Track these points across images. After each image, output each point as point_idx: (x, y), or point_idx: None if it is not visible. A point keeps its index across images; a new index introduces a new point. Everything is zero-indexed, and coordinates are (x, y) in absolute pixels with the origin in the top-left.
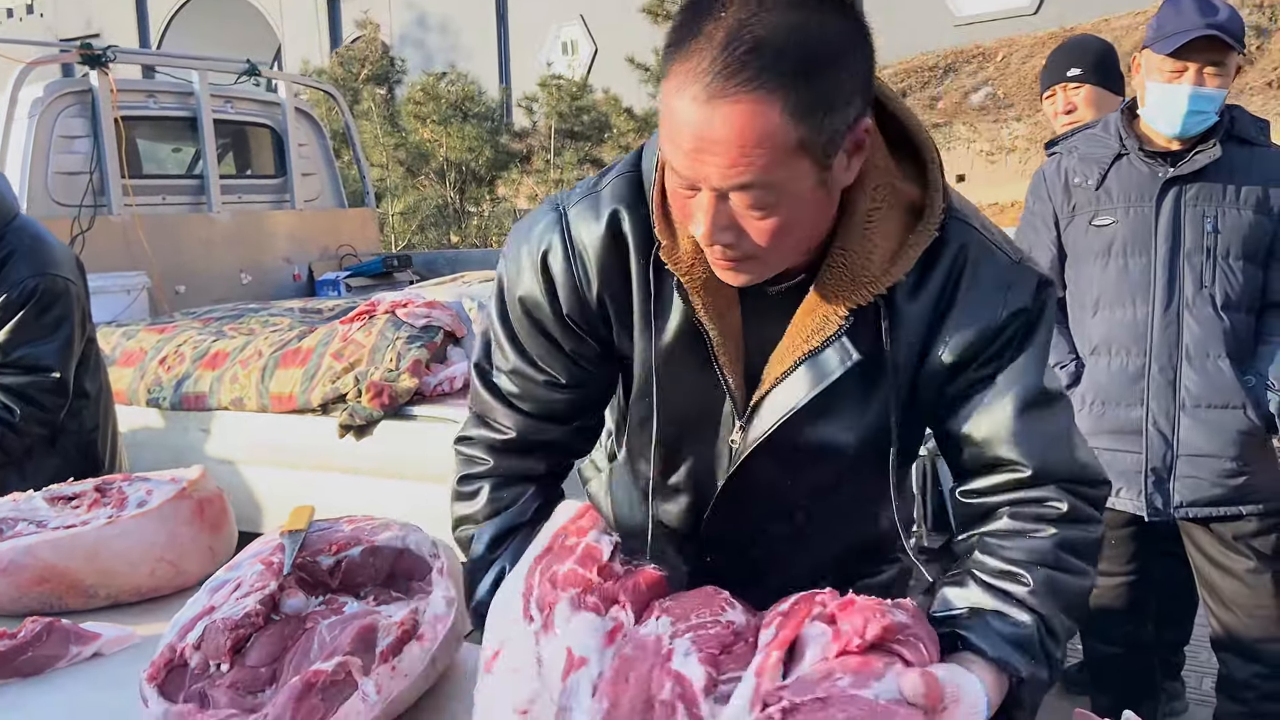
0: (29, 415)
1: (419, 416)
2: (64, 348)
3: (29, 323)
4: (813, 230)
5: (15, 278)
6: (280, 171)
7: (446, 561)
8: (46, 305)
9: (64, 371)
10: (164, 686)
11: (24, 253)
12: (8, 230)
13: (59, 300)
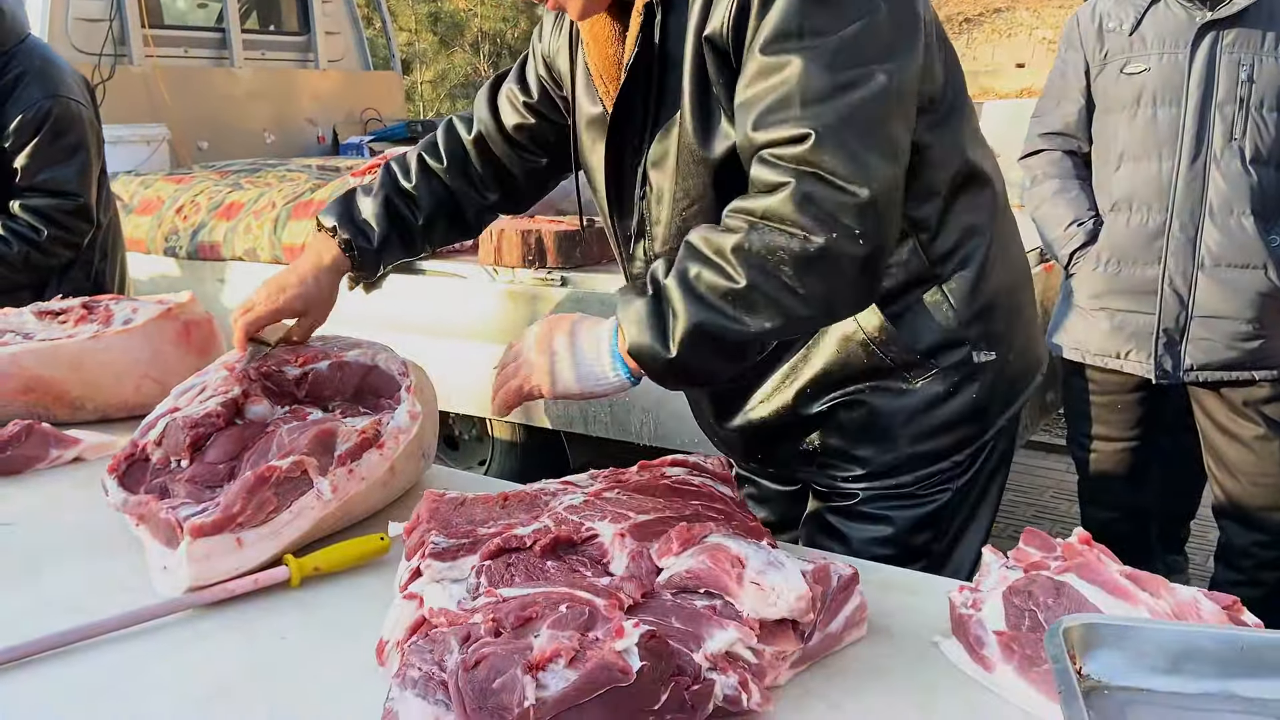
0: (55, 237)
1: (428, 271)
2: (83, 172)
3: (46, 146)
4: None
5: (28, 99)
6: (304, 29)
7: (415, 379)
8: (61, 130)
9: (86, 195)
10: (124, 479)
11: (35, 74)
12: (18, 50)
13: (73, 124)
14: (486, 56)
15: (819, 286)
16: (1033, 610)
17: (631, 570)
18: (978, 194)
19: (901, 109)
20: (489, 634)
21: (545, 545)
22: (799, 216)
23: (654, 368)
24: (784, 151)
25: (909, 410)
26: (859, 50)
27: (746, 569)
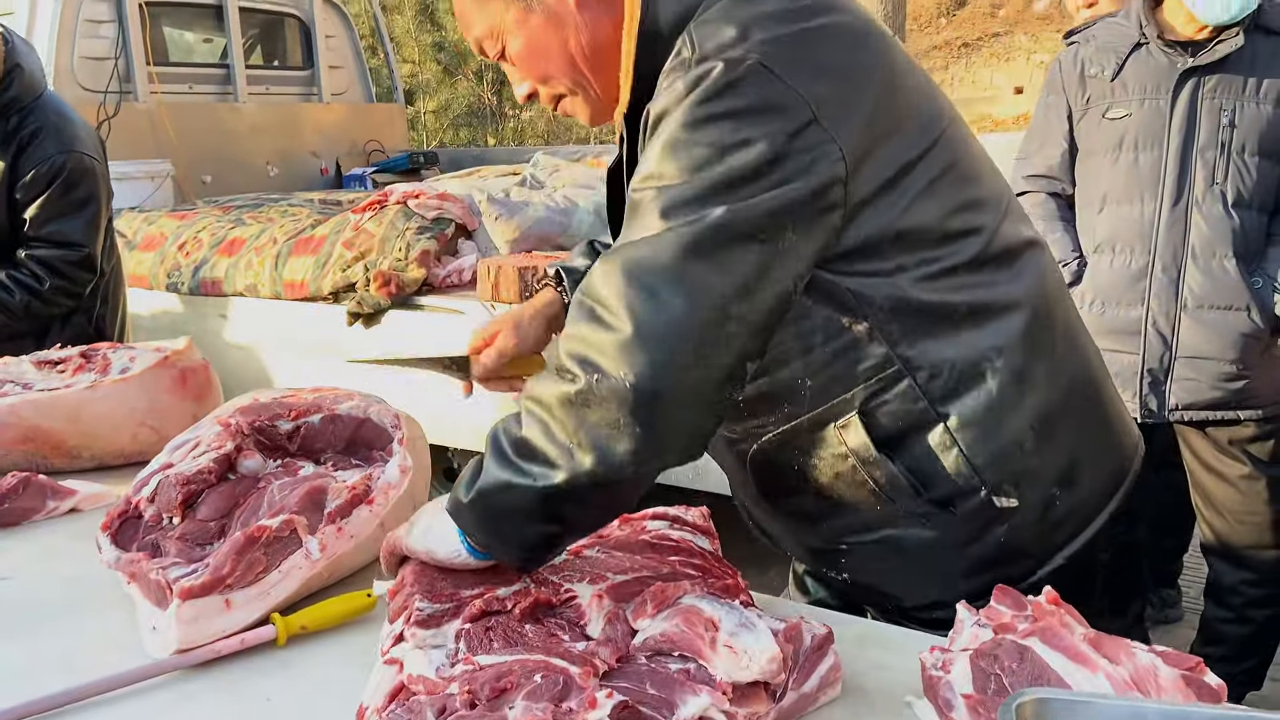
0: (57, 287)
1: (426, 306)
2: (91, 224)
3: (56, 199)
4: (561, 51)
5: (42, 154)
6: (308, 63)
7: (407, 432)
8: (73, 182)
9: (91, 247)
10: (117, 536)
11: (50, 130)
12: (35, 106)
13: (85, 178)
14: (490, 85)
15: (589, 435)
16: (998, 674)
17: (608, 633)
18: (994, 321)
19: (722, 253)
20: (464, 706)
21: (525, 609)
22: (565, 359)
23: (461, 519)
24: (581, 285)
25: (935, 553)
26: (702, 198)
27: (720, 632)
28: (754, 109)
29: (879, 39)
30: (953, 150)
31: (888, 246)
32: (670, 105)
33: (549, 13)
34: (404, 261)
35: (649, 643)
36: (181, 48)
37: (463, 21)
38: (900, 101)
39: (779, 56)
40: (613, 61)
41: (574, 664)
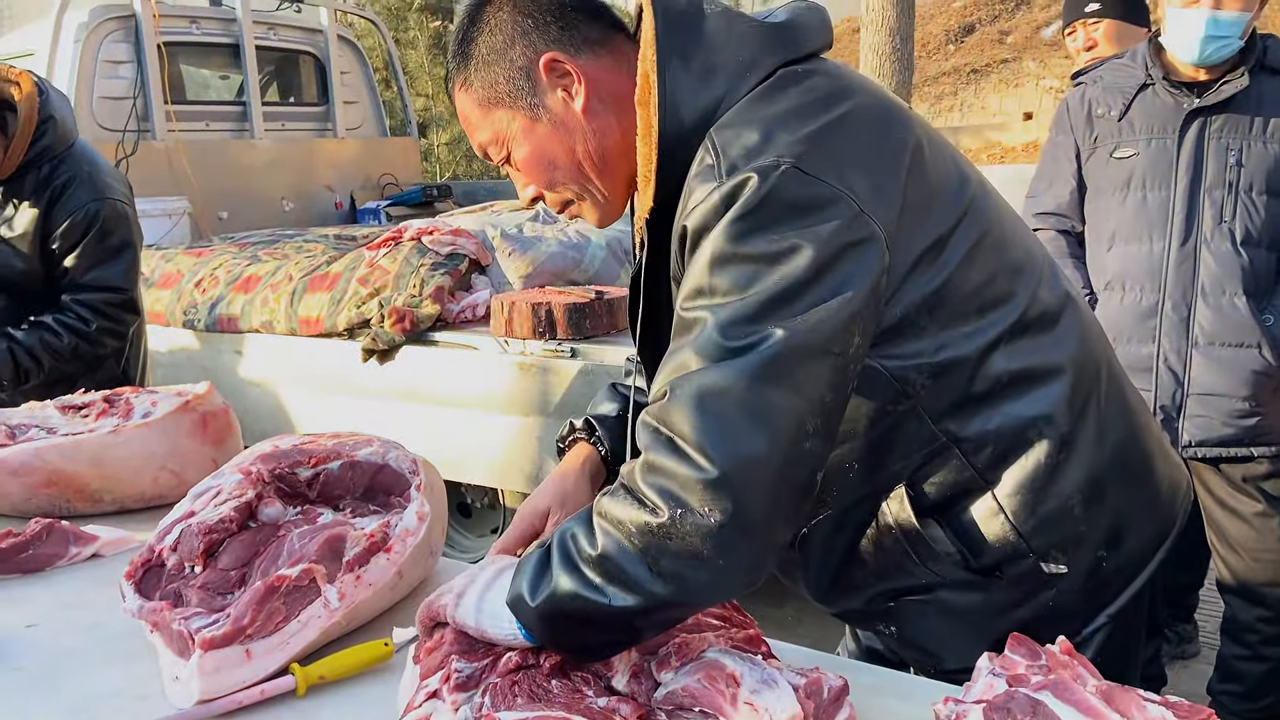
0: (103, 328)
1: (440, 342)
2: (131, 268)
3: (93, 247)
4: (569, 159)
5: (76, 203)
6: (323, 99)
7: (425, 477)
8: (109, 230)
9: (133, 290)
10: (140, 585)
11: (83, 178)
12: (66, 155)
13: (120, 224)
14: None
15: (670, 565)
16: None
17: (631, 688)
18: (1035, 389)
19: (799, 372)
20: None
21: (554, 664)
22: (643, 487)
23: (524, 619)
24: (651, 409)
25: (980, 614)
26: (763, 312)
27: (741, 688)
28: (795, 213)
29: (900, 116)
30: (985, 217)
31: (926, 322)
32: (709, 220)
33: (555, 121)
34: (418, 297)
35: (670, 697)
36: (198, 86)
37: (467, 127)
38: (929, 176)
39: (809, 156)
40: (620, 167)
41: (597, 718)
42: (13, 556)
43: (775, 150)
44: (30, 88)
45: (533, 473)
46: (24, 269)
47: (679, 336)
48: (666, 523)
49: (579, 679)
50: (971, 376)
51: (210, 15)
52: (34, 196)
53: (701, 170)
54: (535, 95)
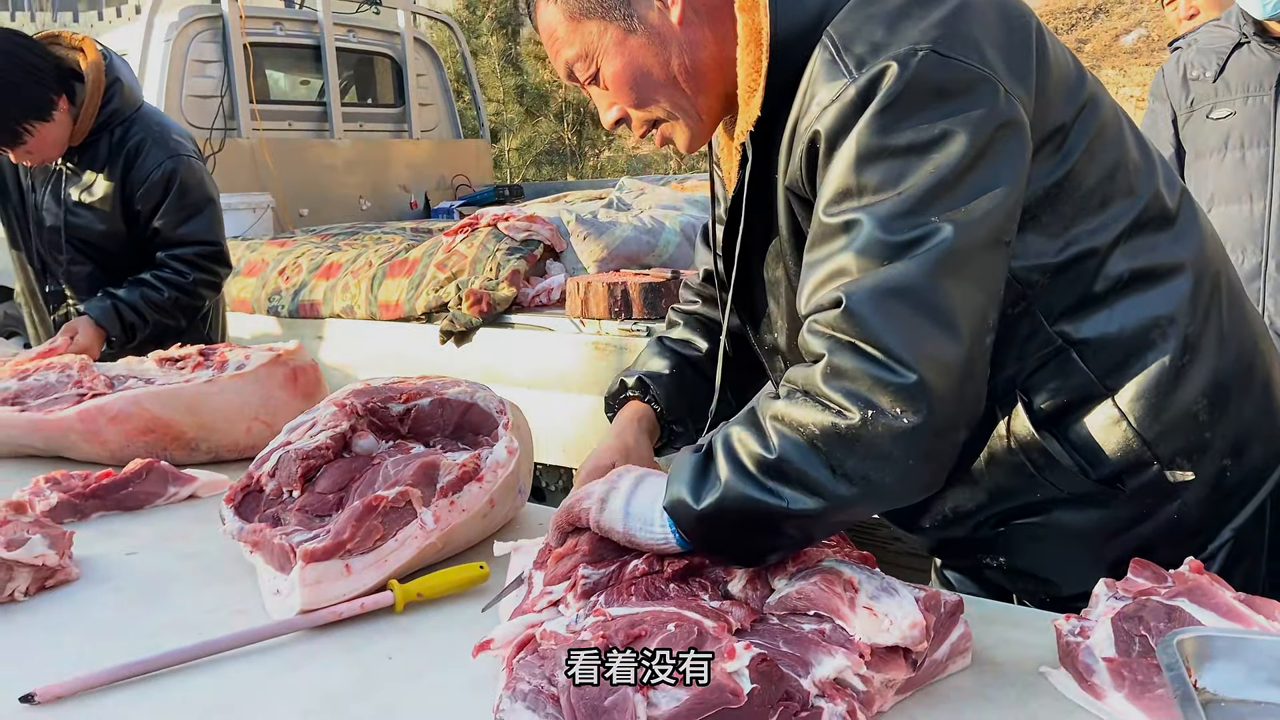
0: (199, 280)
1: (516, 324)
2: (216, 220)
3: (175, 204)
4: (663, 73)
5: (153, 163)
6: (399, 101)
7: (512, 417)
8: (188, 186)
9: (221, 241)
10: (240, 508)
11: (155, 139)
12: (136, 118)
13: (197, 180)
14: (570, 125)
15: (856, 467)
16: (1143, 635)
17: (746, 593)
18: (1158, 287)
19: (975, 265)
20: (600, 650)
21: (675, 570)
22: (828, 390)
23: (684, 523)
24: (821, 317)
25: (1098, 534)
26: (923, 204)
27: (859, 593)
28: (942, 98)
29: (1014, 6)
30: (1103, 111)
31: (1049, 217)
32: (846, 118)
33: (651, 32)
34: (495, 281)
35: (785, 601)
36: (281, 87)
37: (551, 43)
38: (1051, 63)
39: (945, 39)
40: (714, 82)
41: (707, 618)
42: (113, 493)
43: (906, 39)
44: (95, 54)
45: None
46: (105, 230)
47: (824, 243)
48: (857, 424)
49: (696, 584)
50: (1092, 276)
51: (293, 17)
52: (109, 160)
53: (823, 69)
54: (629, 6)
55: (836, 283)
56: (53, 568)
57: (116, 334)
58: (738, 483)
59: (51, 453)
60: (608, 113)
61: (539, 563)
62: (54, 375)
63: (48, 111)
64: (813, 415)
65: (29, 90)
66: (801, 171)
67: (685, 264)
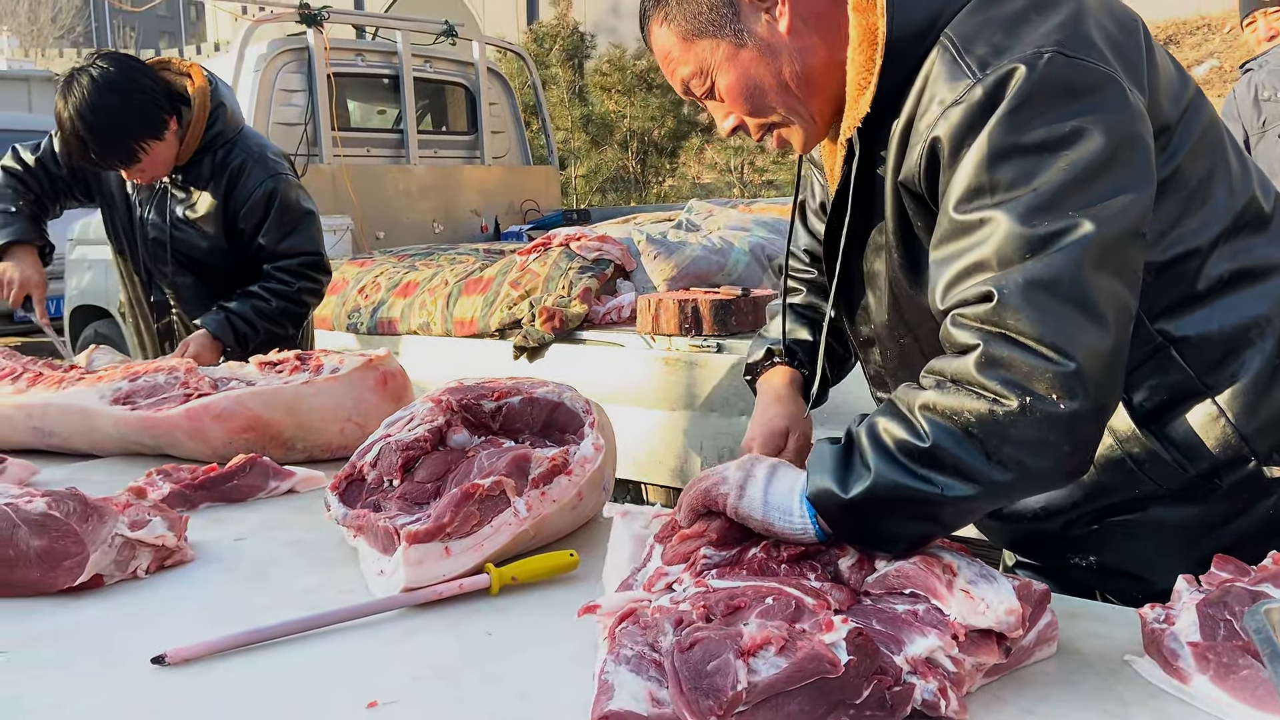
0: (303, 288)
1: (587, 340)
2: (316, 233)
3: (278, 221)
4: (776, 81)
5: (255, 183)
6: (472, 129)
7: (597, 416)
8: (288, 203)
9: (322, 252)
10: (344, 495)
11: (256, 160)
12: (238, 140)
13: (296, 196)
14: (635, 154)
15: (1013, 453)
16: (1228, 620)
17: (852, 575)
18: (1255, 286)
19: (1116, 257)
20: (701, 619)
21: (791, 554)
22: (986, 380)
23: (829, 512)
24: (970, 311)
25: (1193, 530)
26: (1059, 199)
27: (958, 577)
28: (1073, 97)
29: (1125, 8)
30: (1204, 113)
31: (1155, 213)
32: (974, 118)
33: (761, 44)
34: (567, 298)
35: (883, 579)
36: (360, 115)
37: (667, 63)
38: (1158, 65)
39: (1068, 42)
40: (825, 85)
41: (807, 595)
42: (219, 485)
43: (1029, 42)
44: (202, 79)
45: (677, 467)
46: (208, 247)
47: (956, 239)
48: (1015, 410)
49: (806, 565)
50: (1194, 274)
51: (373, 49)
52: (213, 180)
53: (944, 69)
54: (739, 21)
55: (979, 277)
56: (171, 548)
57: (231, 343)
58: (889, 471)
59: (158, 450)
60: (724, 122)
61: (661, 535)
62: (163, 377)
63: (160, 131)
64: (968, 403)
65: (145, 111)
66: (920, 169)
67: (753, 283)
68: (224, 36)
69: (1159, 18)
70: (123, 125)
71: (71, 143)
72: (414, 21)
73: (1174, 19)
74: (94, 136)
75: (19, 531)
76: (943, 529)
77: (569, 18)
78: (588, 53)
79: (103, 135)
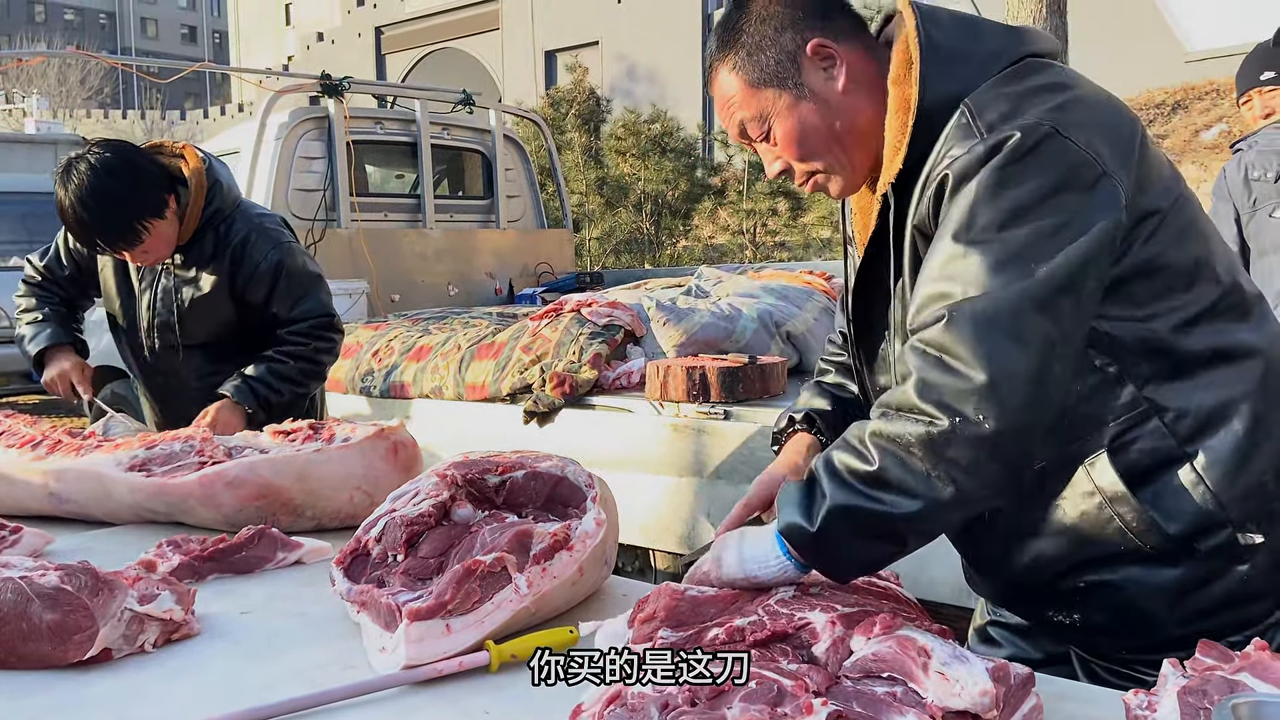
0: (318, 348)
1: (597, 406)
2: (325, 294)
3: (285, 289)
4: (827, 133)
5: (259, 255)
6: (488, 193)
7: (600, 491)
8: (294, 271)
9: (334, 312)
10: (349, 570)
11: (258, 232)
12: (237, 214)
13: (302, 263)
14: (648, 215)
15: (948, 470)
16: (1207, 708)
17: (828, 657)
18: (1236, 366)
19: (1056, 305)
20: (686, 703)
21: (759, 638)
22: (920, 403)
23: (801, 544)
24: (923, 334)
25: (1169, 593)
26: (1021, 252)
27: (932, 659)
28: (1053, 168)
29: (1125, 107)
30: (1193, 207)
31: (1141, 288)
32: (972, 167)
33: (817, 99)
34: (577, 364)
35: (861, 663)
36: (378, 180)
37: (726, 105)
38: (1150, 159)
39: (1064, 121)
40: (867, 142)
41: (786, 679)
42: (228, 556)
43: (1032, 114)
44: (196, 159)
45: (684, 533)
46: (220, 321)
47: (933, 269)
48: (947, 429)
49: (777, 650)
50: (1175, 348)
51: (393, 116)
52: (215, 257)
53: (959, 130)
54: (800, 75)
55: (941, 305)
56: (178, 622)
57: (253, 407)
58: (843, 497)
59: (170, 518)
60: (772, 165)
61: (630, 621)
62: (179, 445)
63: (161, 210)
64: (908, 428)
65: (143, 190)
66: (929, 209)
67: (761, 350)
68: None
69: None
70: (122, 206)
71: (74, 228)
72: (433, 91)
73: (1184, 84)
74: (95, 219)
75: (32, 605)
76: (903, 546)
77: (585, 83)
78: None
79: (103, 217)
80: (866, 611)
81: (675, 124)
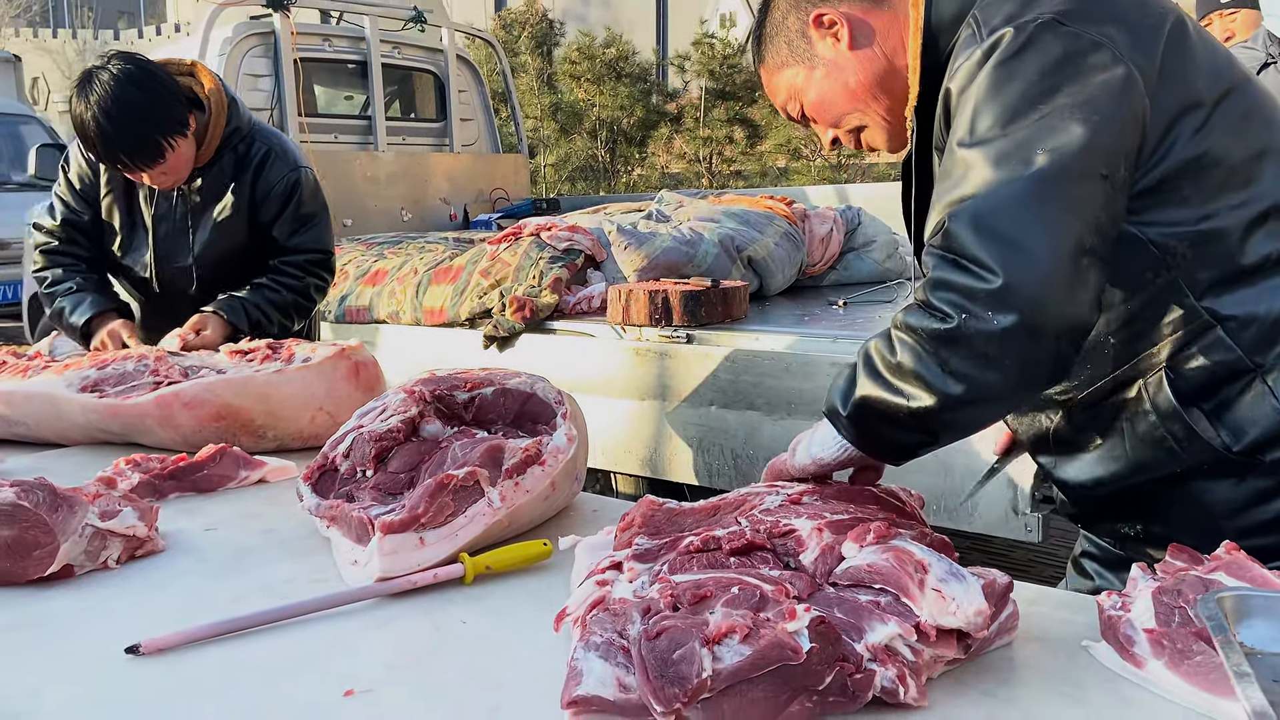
0: (311, 284)
1: (558, 330)
2: (326, 231)
3: (293, 214)
4: (844, 91)
5: (277, 174)
6: (441, 116)
7: (569, 407)
8: (306, 198)
9: (331, 249)
10: (317, 486)
11: (278, 151)
12: (255, 132)
13: (314, 192)
14: (603, 142)
15: (960, 366)
16: (1181, 607)
17: (816, 565)
18: None
19: (1068, 194)
20: (668, 608)
21: (735, 547)
22: (933, 299)
23: (840, 427)
24: (933, 240)
25: (1236, 504)
26: (1026, 145)
27: (929, 575)
28: (1053, 58)
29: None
30: (1253, 97)
31: (1190, 189)
32: (970, 74)
33: (829, 65)
34: (537, 288)
35: (852, 571)
36: (327, 100)
37: (772, 96)
38: (1189, 48)
39: (1069, 12)
40: (891, 87)
41: (768, 584)
42: (189, 475)
43: (1036, 10)
44: (212, 80)
45: (646, 456)
46: (234, 245)
47: (943, 180)
48: (955, 328)
49: (758, 557)
50: (1236, 251)
51: (341, 34)
52: (236, 174)
53: (965, 41)
54: (810, 47)
55: (946, 210)
56: (142, 538)
57: (245, 329)
58: (870, 384)
59: (126, 439)
60: (825, 136)
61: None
62: (131, 365)
63: (185, 128)
64: (924, 321)
65: (168, 105)
66: (941, 126)
67: (723, 274)
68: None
69: None
70: (146, 119)
71: (96, 142)
72: (381, 7)
73: None
74: (118, 131)
75: None
76: (934, 438)
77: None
78: (557, 40)
79: (127, 129)
80: (860, 519)
81: (630, 48)
